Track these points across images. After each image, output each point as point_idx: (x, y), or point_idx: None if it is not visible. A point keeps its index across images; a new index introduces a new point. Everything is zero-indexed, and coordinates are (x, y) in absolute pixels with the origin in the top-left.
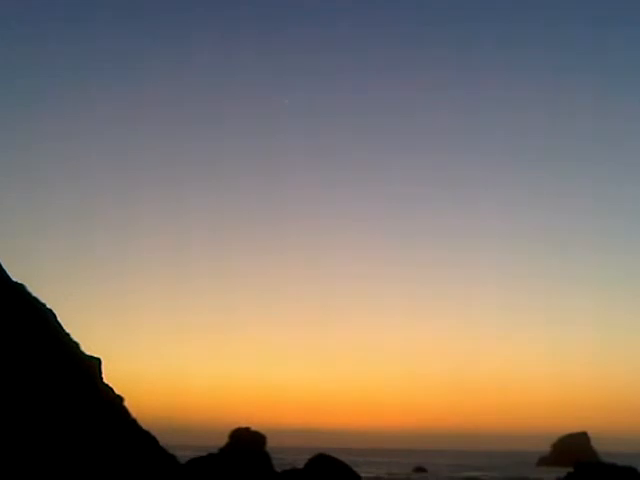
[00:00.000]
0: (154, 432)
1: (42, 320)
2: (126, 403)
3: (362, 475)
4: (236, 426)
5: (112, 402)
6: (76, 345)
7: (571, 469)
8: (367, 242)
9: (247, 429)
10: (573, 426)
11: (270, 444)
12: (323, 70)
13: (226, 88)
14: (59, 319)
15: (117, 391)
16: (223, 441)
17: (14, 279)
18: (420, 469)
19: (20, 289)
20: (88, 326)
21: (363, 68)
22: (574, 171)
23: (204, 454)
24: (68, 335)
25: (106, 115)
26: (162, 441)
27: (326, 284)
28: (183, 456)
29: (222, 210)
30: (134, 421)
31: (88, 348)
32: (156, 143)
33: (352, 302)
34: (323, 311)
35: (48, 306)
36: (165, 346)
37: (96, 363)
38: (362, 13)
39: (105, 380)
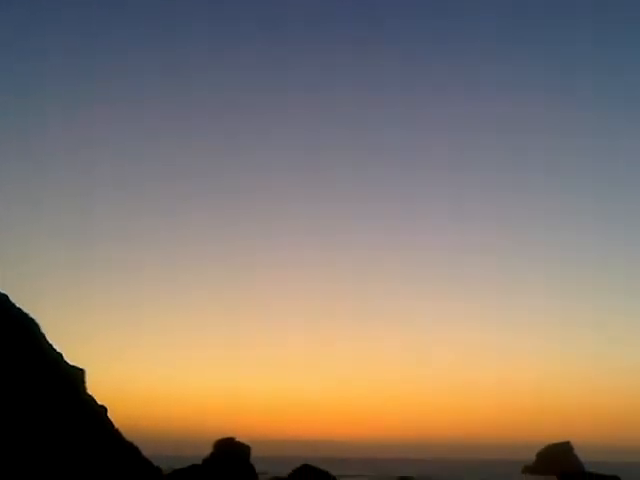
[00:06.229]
0: (138, 442)
1: (25, 330)
2: (110, 413)
3: None
4: (221, 436)
5: (95, 413)
6: (60, 356)
7: (555, 477)
8: (363, 254)
9: (232, 439)
10: (557, 435)
11: (255, 454)
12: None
13: (227, 89)
14: (43, 329)
15: (101, 401)
16: (207, 451)
17: None
18: (405, 478)
19: (3, 299)
20: (75, 336)
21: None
22: (575, 182)
23: (188, 465)
24: (51, 346)
25: (103, 117)
26: (146, 451)
27: (317, 298)
28: (167, 467)
29: (219, 223)
30: (117, 431)
31: (74, 358)
32: (154, 153)
33: (343, 313)
34: (312, 321)
35: (31, 316)
36: (151, 356)
37: (80, 374)
38: (362, 14)
39: (89, 390)
